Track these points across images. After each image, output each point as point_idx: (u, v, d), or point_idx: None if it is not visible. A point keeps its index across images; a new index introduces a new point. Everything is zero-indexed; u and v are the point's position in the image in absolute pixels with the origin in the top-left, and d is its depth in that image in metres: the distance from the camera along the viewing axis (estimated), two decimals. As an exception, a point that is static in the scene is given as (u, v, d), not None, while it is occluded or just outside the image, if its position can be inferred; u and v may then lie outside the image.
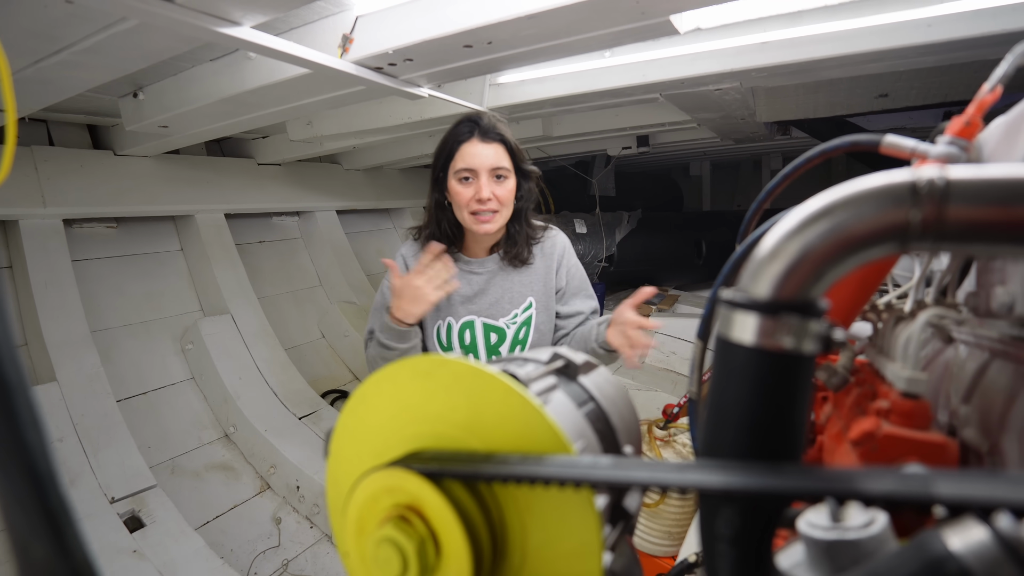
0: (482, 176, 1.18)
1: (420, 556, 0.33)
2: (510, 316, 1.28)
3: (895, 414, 0.43)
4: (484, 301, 1.28)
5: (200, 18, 0.99)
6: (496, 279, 1.29)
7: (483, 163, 1.17)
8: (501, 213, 1.21)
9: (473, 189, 1.18)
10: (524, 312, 1.29)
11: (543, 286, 1.31)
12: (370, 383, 0.41)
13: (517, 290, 1.29)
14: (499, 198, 1.19)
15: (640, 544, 1.51)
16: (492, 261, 1.29)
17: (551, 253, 1.32)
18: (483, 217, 1.19)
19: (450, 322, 1.27)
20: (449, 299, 1.26)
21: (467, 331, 1.28)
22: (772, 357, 0.30)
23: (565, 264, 1.34)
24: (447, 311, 1.27)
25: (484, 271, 1.29)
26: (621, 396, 0.49)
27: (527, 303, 1.30)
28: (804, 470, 0.26)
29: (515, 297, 1.29)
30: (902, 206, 0.27)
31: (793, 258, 0.30)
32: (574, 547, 0.34)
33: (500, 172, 1.19)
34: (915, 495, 0.22)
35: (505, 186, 1.20)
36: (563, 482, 0.30)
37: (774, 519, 0.30)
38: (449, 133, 1.22)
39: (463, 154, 1.18)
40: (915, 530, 0.37)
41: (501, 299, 1.28)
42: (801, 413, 0.31)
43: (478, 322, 1.28)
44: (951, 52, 1.48)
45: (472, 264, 1.29)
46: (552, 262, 1.32)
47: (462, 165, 1.18)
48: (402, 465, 0.35)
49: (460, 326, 1.27)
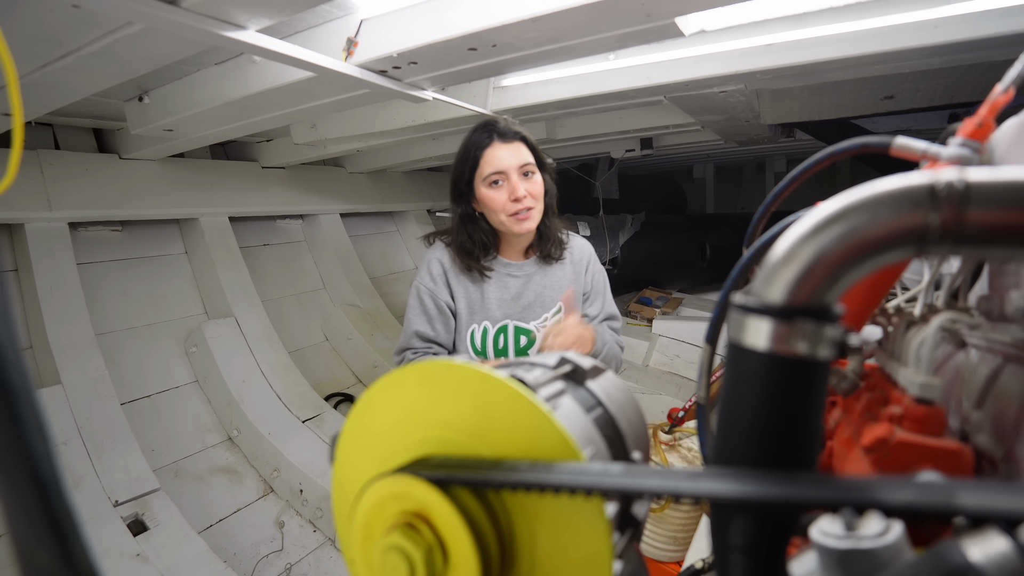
0: (512, 176, 1.18)
1: (428, 564, 0.33)
2: (541, 319, 1.30)
3: (908, 420, 0.42)
4: (519, 304, 1.29)
5: (205, 22, 0.99)
6: (532, 282, 1.30)
7: (511, 163, 1.18)
8: (536, 208, 1.22)
9: (507, 191, 1.18)
10: (554, 316, 1.31)
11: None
12: (376, 388, 0.40)
13: (549, 294, 1.31)
14: (532, 194, 1.20)
15: (644, 550, 1.49)
16: (530, 264, 1.31)
17: (580, 259, 1.35)
18: (522, 216, 1.20)
19: (486, 326, 1.28)
20: (485, 303, 1.27)
21: (502, 335, 1.29)
22: (786, 363, 0.29)
23: (592, 269, 1.37)
24: (483, 314, 1.28)
25: (522, 274, 1.30)
26: (629, 401, 0.48)
27: (557, 307, 1.31)
28: (821, 479, 0.25)
29: (547, 301, 1.31)
30: (920, 209, 0.27)
31: (808, 262, 0.29)
32: (584, 555, 0.33)
33: (527, 169, 1.20)
34: (937, 506, 0.22)
35: (535, 181, 1.22)
36: (573, 490, 0.30)
37: (789, 528, 0.30)
38: (468, 143, 1.22)
39: (488, 159, 1.19)
40: (931, 540, 0.36)
41: (534, 303, 1.30)
42: (816, 420, 0.30)
43: (511, 325, 1.29)
44: (957, 54, 1.47)
45: (511, 267, 1.30)
46: (581, 267, 1.35)
47: (490, 170, 1.18)
48: (409, 472, 0.35)
49: (496, 330, 1.28)
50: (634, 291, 4.27)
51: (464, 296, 1.28)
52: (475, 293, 1.28)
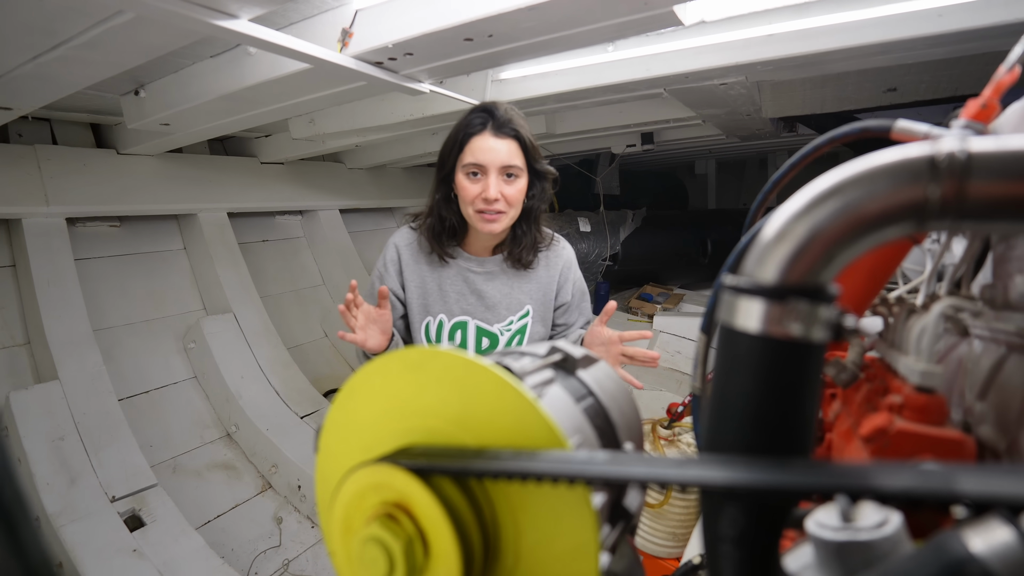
0: (491, 174, 1.10)
1: (407, 556, 0.32)
2: (505, 322, 1.23)
3: (908, 409, 0.41)
4: (481, 303, 1.22)
5: (196, 10, 0.98)
6: (496, 281, 1.23)
7: (493, 160, 1.10)
8: (508, 214, 1.14)
9: (480, 186, 1.11)
10: (520, 320, 1.24)
11: (543, 296, 1.26)
12: (359, 376, 0.39)
13: (516, 296, 1.24)
14: (507, 198, 1.12)
15: (643, 545, 1.48)
16: (494, 262, 1.23)
17: (556, 265, 1.27)
18: (488, 216, 1.12)
19: (441, 319, 1.22)
20: (443, 295, 1.21)
21: (459, 331, 1.22)
22: (779, 345, 0.28)
23: (571, 279, 1.29)
24: (440, 307, 1.21)
25: (483, 271, 1.23)
26: (622, 392, 0.47)
27: (524, 311, 1.24)
28: (815, 465, 0.24)
29: (513, 303, 1.23)
30: (919, 182, 0.25)
31: (801, 240, 0.28)
32: (570, 547, 0.32)
33: (511, 171, 1.12)
34: (936, 492, 0.21)
35: (515, 186, 1.13)
36: (556, 478, 0.28)
37: (782, 518, 0.29)
38: (461, 122, 1.14)
39: (473, 148, 1.11)
40: (931, 531, 0.35)
41: (499, 304, 1.23)
42: (810, 405, 0.29)
43: (471, 324, 1.22)
44: (962, 43, 1.45)
45: (472, 262, 1.23)
46: (555, 273, 1.26)
47: (471, 160, 1.10)
48: (390, 461, 0.33)
49: (452, 325, 1.22)
50: (635, 287, 4.26)
51: (418, 285, 1.22)
52: (431, 282, 1.22)
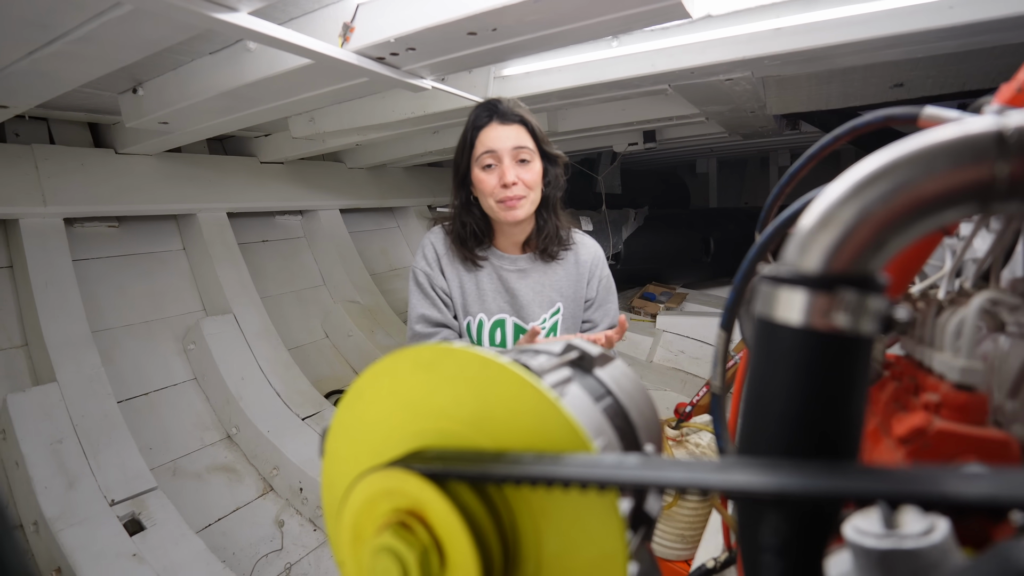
0: (505, 159, 1.13)
1: (422, 567, 0.30)
2: (539, 320, 1.25)
3: (947, 408, 0.39)
4: (516, 301, 1.25)
5: (195, 2, 0.96)
6: (528, 278, 1.25)
7: (504, 144, 1.13)
8: (528, 198, 1.16)
9: (497, 175, 1.14)
10: (552, 317, 1.26)
11: (573, 292, 1.28)
12: (368, 376, 0.37)
13: (547, 293, 1.26)
14: (525, 182, 1.15)
15: (651, 548, 1.46)
16: (525, 259, 1.26)
17: (585, 261, 1.29)
18: (510, 203, 1.14)
19: (481, 319, 1.24)
20: (480, 294, 1.23)
21: (498, 329, 1.24)
22: (825, 339, 0.26)
23: (598, 275, 1.31)
24: (478, 307, 1.24)
25: (515, 268, 1.25)
26: (639, 391, 0.45)
27: (555, 308, 1.27)
28: (875, 470, 0.22)
29: (544, 300, 1.26)
30: (985, 159, 0.23)
31: (849, 224, 0.26)
32: (596, 556, 0.30)
33: (523, 155, 1.15)
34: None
35: (531, 169, 1.16)
36: (585, 484, 0.26)
37: (829, 527, 0.27)
38: (467, 122, 1.18)
39: (482, 139, 1.14)
40: (976, 539, 0.33)
41: (532, 302, 1.25)
42: (859, 403, 0.27)
43: (509, 321, 1.25)
44: (973, 36, 1.42)
45: (504, 260, 1.25)
46: (584, 270, 1.29)
47: (483, 150, 1.14)
48: (402, 465, 0.31)
49: (492, 323, 1.24)
50: (637, 286, 4.23)
51: (458, 285, 1.24)
52: (469, 283, 1.24)
